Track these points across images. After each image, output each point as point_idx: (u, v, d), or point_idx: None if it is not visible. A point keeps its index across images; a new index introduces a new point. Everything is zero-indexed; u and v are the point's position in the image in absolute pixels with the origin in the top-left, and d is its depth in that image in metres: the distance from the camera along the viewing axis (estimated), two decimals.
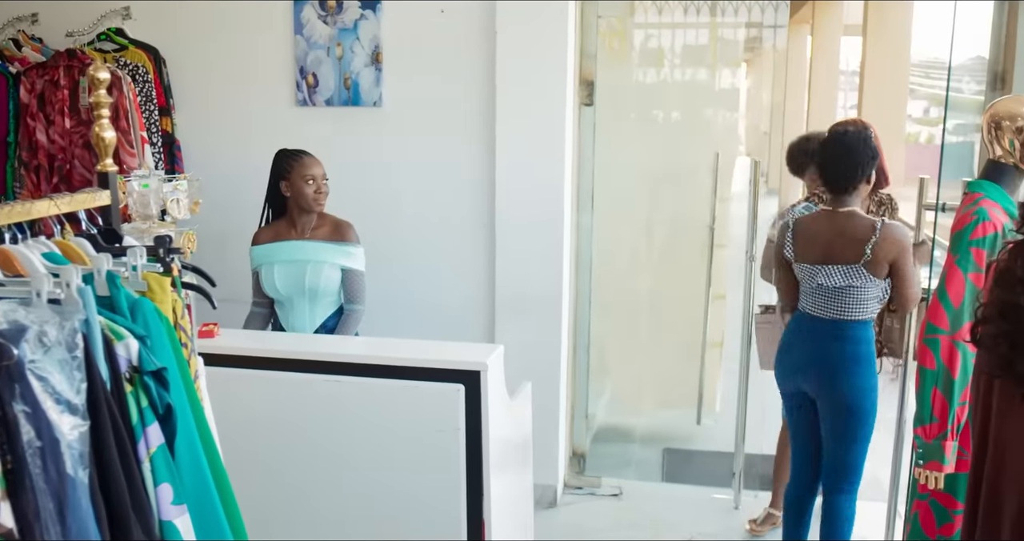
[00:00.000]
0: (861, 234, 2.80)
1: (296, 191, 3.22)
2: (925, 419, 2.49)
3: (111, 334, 1.46)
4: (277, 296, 3.27)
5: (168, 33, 3.93)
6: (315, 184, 3.22)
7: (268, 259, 3.27)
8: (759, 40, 6.66)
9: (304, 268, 3.23)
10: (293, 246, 3.26)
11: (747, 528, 3.63)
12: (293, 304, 3.28)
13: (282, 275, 3.24)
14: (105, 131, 1.95)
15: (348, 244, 3.30)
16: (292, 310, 3.28)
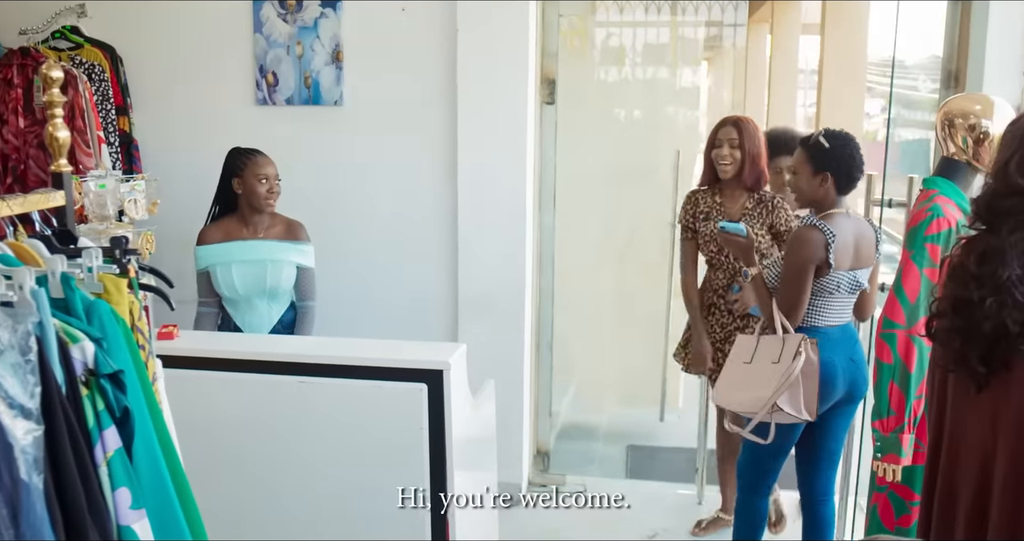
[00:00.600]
0: (871, 234, 2.84)
1: (248, 189, 3.25)
2: (883, 413, 2.53)
3: (66, 337, 1.44)
4: (234, 296, 3.26)
5: (125, 31, 3.87)
6: (268, 183, 3.25)
7: (223, 259, 3.25)
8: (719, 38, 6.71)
9: (265, 267, 3.25)
10: (250, 246, 3.27)
11: (691, 530, 3.63)
12: (251, 303, 3.28)
13: (241, 275, 3.24)
14: (59, 131, 1.92)
15: (302, 243, 3.36)
16: (250, 309, 3.28)
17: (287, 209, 3.57)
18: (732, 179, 3.31)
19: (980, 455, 1.78)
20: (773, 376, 2.70)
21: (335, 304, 3.84)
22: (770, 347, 2.76)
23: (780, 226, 3.32)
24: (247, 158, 3.27)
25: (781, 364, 2.69)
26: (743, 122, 3.30)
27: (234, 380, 2.66)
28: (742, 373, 2.82)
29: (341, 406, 2.61)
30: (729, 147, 3.27)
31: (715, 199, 3.38)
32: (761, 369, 2.76)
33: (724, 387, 2.87)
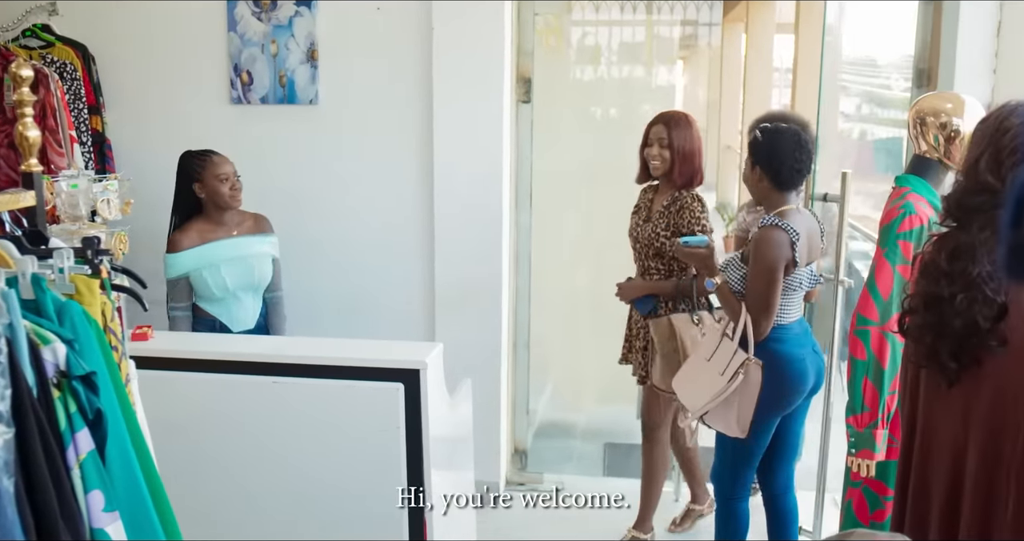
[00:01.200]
0: (817, 226, 2.82)
1: (211, 191, 3.25)
2: (857, 409, 2.55)
3: (37, 338, 1.42)
4: (224, 295, 3.26)
5: (97, 30, 3.84)
6: (229, 181, 3.26)
7: (207, 261, 3.24)
8: (694, 38, 6.73)
9: (251, 263, 3.30)
10: (231, 244, 3.28)
11: (667, 528, 3.64)
12: (239, 300, 3.30)
13: (231, 273, 3.25)
14: (29, 130, 1.90)
15: (271, 235, 3.41)
16: (238, 306, 3.30)
17: (263, 208, 3.55)
18: (663, 177, 3.27)
19: (952, 449, 1.80)
20: (713, 387, 2.73)
21: (311, 303, 3.83)
22: (724, 354, 2.74)
23: (683, 228, 3.21)
24: (202, 160, 3.26)
25: (724, 378, 2.71)
26: (674, 120, 3.23)
27: (208, 381, 2.64)
28: (699, 369, 2.83)
29: (317, 406, 2.60)
30: (659, 146, 3.22)
31: (647, 196, 3.39)
32: (710, 373, 2.76)
33: (682, 377, 2.90)
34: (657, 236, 3.24)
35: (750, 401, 2.67)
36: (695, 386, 2.81)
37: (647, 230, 3.28)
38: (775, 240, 2.64)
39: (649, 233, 3.27)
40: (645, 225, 3.30)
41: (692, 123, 3.26)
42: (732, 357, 2.69)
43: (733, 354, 2.69)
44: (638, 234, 3.32)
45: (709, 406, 2.71)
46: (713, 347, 2.79)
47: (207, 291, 3.26)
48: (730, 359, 2.69)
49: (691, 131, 3.24)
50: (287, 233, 3.84)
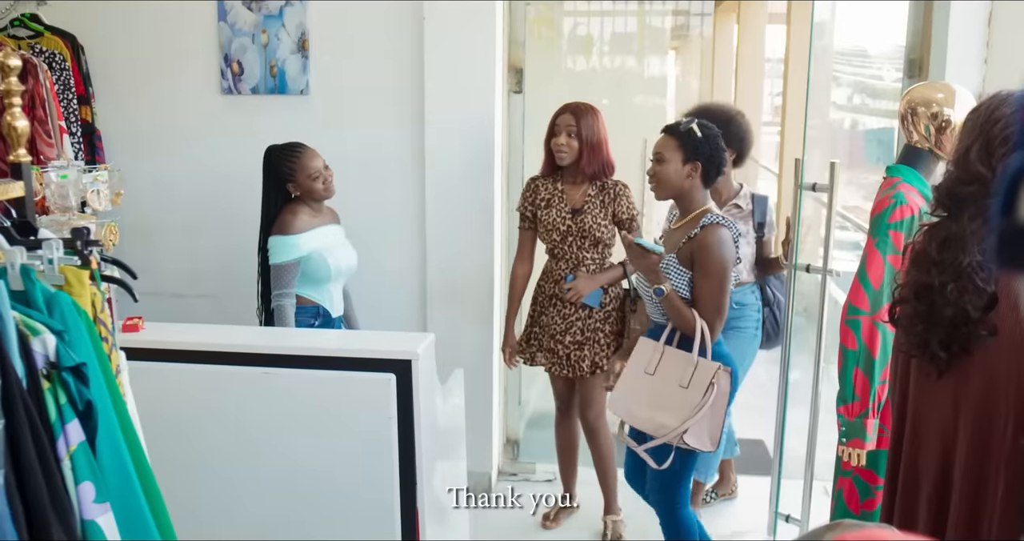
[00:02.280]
0: None
1: (307, 189, 3.19)
2: (847, 398, 2.56)
3: (26, 330, 1.42)
4: (332, 280, 3.24)
5: (86, 19, 3.82)
6: (322, 176, 3.18)
7: (323, 243, 3.21)
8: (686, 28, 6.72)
9: (349, 250, 3.34)
10: (334, 230, 3.31)
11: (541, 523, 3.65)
12: (338, 286, 3.31)
13: (341, 258, 3.25)
14: (17, 120, 1.89)
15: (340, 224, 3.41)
16: (337, 292, 3.31)
17: (253, 198, 3.54)
18: (571, 166, 3.26)
19: (941, 438, 1.81)
20: (681, 403, 2.61)
21: None
22: (678, 365, 2.64)
23: (623, 214, 3.25)
24: (293, 161, 3.17)
25: (691, 391, 2.60)
26: (582, 109, 3.24)
27: (199, 371, 2.63)
28: (645, 386, 2.69)
29: (308, 397, 2.60)
30: (566, 135, 3.22)
31: (556, 186, 3.34)
32: (666, 389, 2.64)
33: (623, 397, 2.75)
34: (598, 226, 3.23)
35: (720, 411, 2.60)
36: (650, 407, 2.66)
37: (584, 222, 3.25)
38: (724, 239, 2.60)
39: (588, 224, 3.24)
40: (578, 217, 3.26)
41: (599, 114, 3.27)
42: (695, 368, 2.59)
43: (696, 366, 2.59)
44: (569, 227, 3.28)
45: (690, 423, 2.58)
46: (655, 357, 2.68)
47: (319, 275, 3.18)
48: (693, 371, 2.59)
49: (598, 121, 3.25)
50: None
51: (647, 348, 2.72)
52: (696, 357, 2.60)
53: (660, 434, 2.63)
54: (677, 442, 2.62)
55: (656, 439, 2.65)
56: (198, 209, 3.89)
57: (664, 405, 2.63)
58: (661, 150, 2.69)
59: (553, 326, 3.34)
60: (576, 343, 3.31)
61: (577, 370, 3.32)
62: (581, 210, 3.27)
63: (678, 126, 2.68)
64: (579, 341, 3.30)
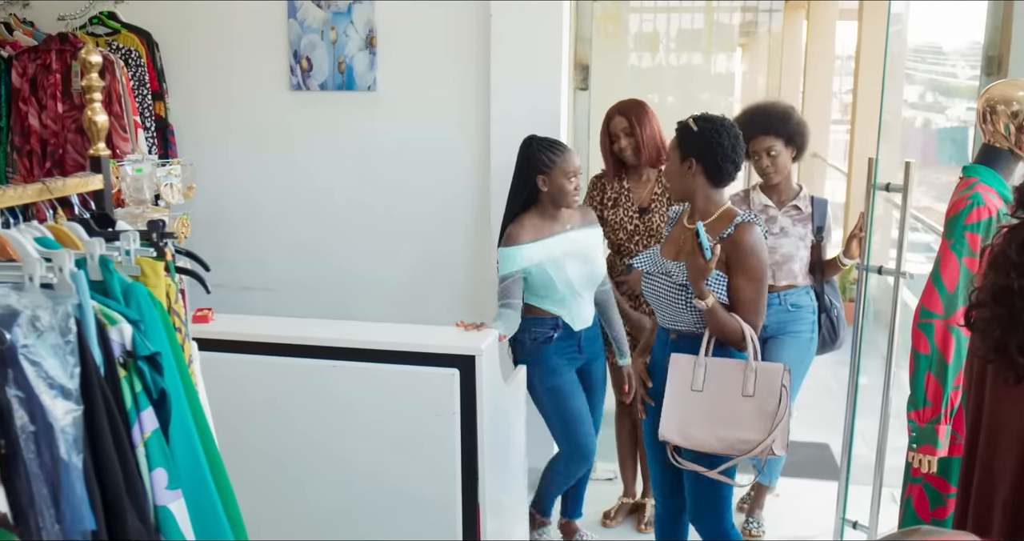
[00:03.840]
0: None
1: (556, 188, 3.00)
2: (919, 403, 2.50)
3: (104, 319, 1.45)
4: (568, 292, 3.02)
5: (161, 17, 3.90)
6: (575, 180, 3.03)
7: (549, 256, 3.01)
8: (754, 24, 6.63)
9: (591, 257, 3.10)
10: (570, 238, 3.07)
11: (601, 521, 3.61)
12: (581, 297, 3.08)
13: (575, 269, 3.03)
14: (97, 115, 1.94)
15: (597, 226, 3.20)
16: (580, 303, 3.08)
17: (322, 194, 3.59)
18: (635, 163, 3.29)
19: (1018, 446, 1.76)
20: (754, 414, 2.45)
21: (369, 289, 3.87)
22: (730, 374, 2.48)
23: None
24: (555, 154, 3.01)
25: (759, 399, 2.45)
26: (628, 107, 3.26)
27: (268, 363, 2.68)
28: (696, 404, 2.49)
29: (373, 390, 2.63)
30: (625, 136, 3.24)
31: (623, 185, 3.33)
32: (727, 402, 2.47)
33: (676, 420, 2.51)
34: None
35: (784, 411, 2.47)
36: (718, 422, 2.47)
37: (652, 221, 3.27)
38: (759, 237, 2.48)
39: (656, 223, 3.27)
40: (645, 216, 3.28)
41: (646, 105, 3.28)
42: (756, 375, 2.46)
43: (756, 372, 2.46)
44: (636, 226, 3.29)
45: (776, 435, 2.43)
46: (699, 372, 2.49)
47: (549, 288, 3.00)
48: (755, 377, 2.46)
49: (648, 113, 3.27)
50: (345, 218, 3.88)
51: (685, 364, 2.51)
52: (754, 362, 2.46)
53: (742, 450, 2.46)
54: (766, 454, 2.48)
55: (735, 457, 2.48)
56: (266, 203, 3.95)
57: (731, 420, 2.46)
58: (668, 149, 2.62)
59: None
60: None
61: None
62: (648, 209, 3.29)
63: (679, 123, 2.57)
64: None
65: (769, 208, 3.32)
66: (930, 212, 5.32)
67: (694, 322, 2.53)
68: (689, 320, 2.53)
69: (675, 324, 2.57)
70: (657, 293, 2.59)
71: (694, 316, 2.51)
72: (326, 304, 3.83)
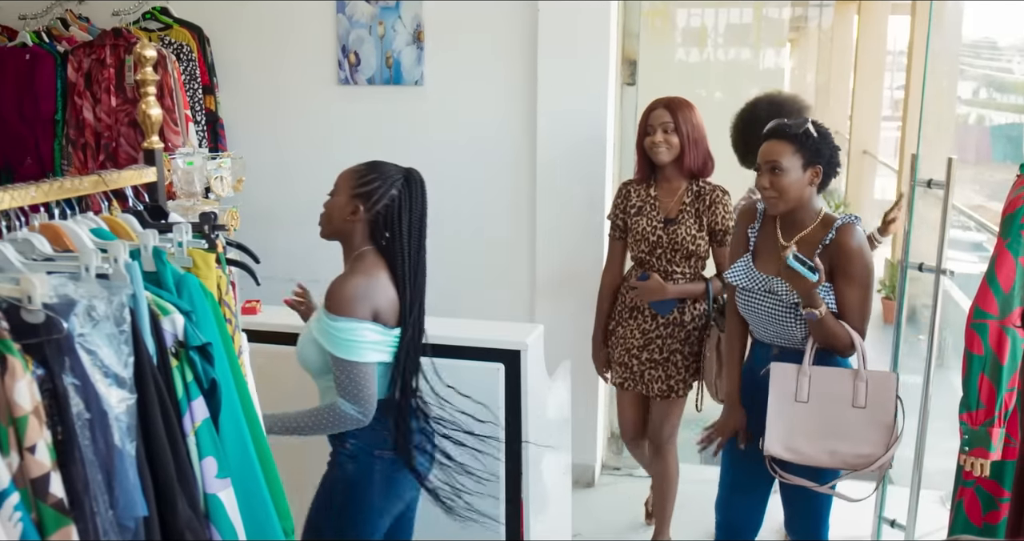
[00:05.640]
0: None
1: None
2: (972, 405, 2.45)
3: (157, 309, 1.47)
4: None
5: (212, 12, 3.95)
6: None
7: None
8: (804, 19, 6.55)
9: None
10: None
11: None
12: None
13: None
14: (151, 108, 1.97)
15: None
16: None
17: None
18: (670, 166, 3.00)
19: None
20: (869, 426, 2.36)
21: None
22: (837, 384, 2.38)
23: (718, 225, 2.97)
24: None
25: (873, 410, 2.36)
26: (676, 103, 2.99)
27: None
28: (802, 416, 2.39)
29: None
30: (663, 132, 2.95)
31: (649, 192, 3.05)
32: (837, 413, 2.37)
33: (783, 433, 2.40)
34: (692, 238, 2.97)
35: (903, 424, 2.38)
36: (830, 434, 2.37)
37: (677, 233, 2.98)
38: (862, 239, 2.36)
39: (681, 236, 2.98)
40: (670, 227, 2.99)
41: (694, 107, 3.03)
42: (868, 384, 2.35)
43: (867, 381, 2.35)
44: (660, 237, 3.00)
45: (894, 448, 2.35)
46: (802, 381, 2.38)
47: None
48: (866, 387, 2.35)
49: (695, 114, 3.01)
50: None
51: (788, 374, 2.39)
52: (864, 371, 2.35)
53: (858, 465, 2.37)
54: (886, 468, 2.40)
55: (847, 472, 2.42)
56: (312, 196, 3.95)
57: (842, 433, 2.36)
58: (776, 157, 2.34)
59: (630, 340, 3.09)
60: (652, 361, 3.06)
61: (650, 390, 3.08)
62: (675, 220, 2.99)
63: (789, 128, 2.36)
64: (656, 360, 3.05)
65: None
66: (983, 210, 5.22)
67: (801, 338, 2.41)
68: (797, 337, 2.42)
69: (779, 340, 2.47)
70: (760, 311, 2.46)
71: (803, 331, 2.40)
72: None
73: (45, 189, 1.65)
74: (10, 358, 1.17)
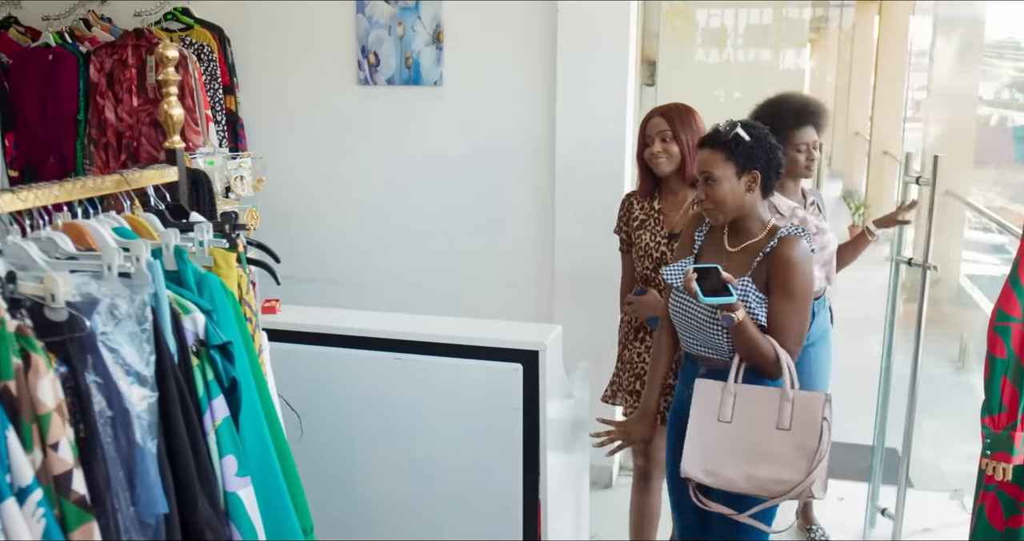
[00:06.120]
0: None
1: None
2: (994, 409, 2.42)
3: (178, 308, 1.48)
4: None
5: (232, 13, 3.97)
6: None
7: None
8: (825, 19, 6.51)
9: None
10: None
11: None
12: None
13: None
14: (173, 108, 1.98)
15: None
16: None
17: (388, 186, 3.61)
18: (674, 177, 2.83)
19: None
20: (791, 450, 2.15)
21: (433, 281, 3.89)
22: (763, 404, 2.19)
23: None
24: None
25: (797, 433, 2.16)
26: (673, 110, 2.83)
27: (331, 355, 2.71)
28: (724, 437, 2.20)
29: (436, 384, 2.64)
30: (661, 142, 2.78)
31: (653, 205, 2.87)
32: (760, 436, 2.18)
33: (700, 454, 2.22)
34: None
35: (827, 448, 2.16)
36: (750, 458, 2.17)
37: None
38: (803, 254, 2.19)
39: None
40: (675, 242, 2.75)
41: (695, 113, 2.85)
42: (793, 405, 2.16)
43: (792, 401, 2.16)
44: (664, 253, 2.82)
45: (817, 474, 2.13)
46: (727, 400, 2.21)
47: None
48: (791, 408, 2.16)
49: (696, 120, 2.83)
50: (410, 212, 3.91)
51: (712, 392, 2.23)
52: (791, 391, 2.17)
53: (776, 492, 2.15)
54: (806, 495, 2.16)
55: (773, 499, 2.17)
56: (332, 196, 4.00)
57: (763, 456, 2.17)
58: (708, 168, 2.22)
59: (637, 364, 2.93)
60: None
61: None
62: (680, 234, 2.71)
63: (719, 135, 2.23)
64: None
65: (797, 209, 3.00)
66: (1005, 213, 5.17)
67: (728, 350, 2.25)
68: (723, 347, 2.25)
69: (705, 350, 2.30)
70: (687, 314, 2.30)
71: (729, 342, 2.23)
72: (389, 297, 3.87)
73: (68, 188, 1.66)
74: (34, 356, 1.18)
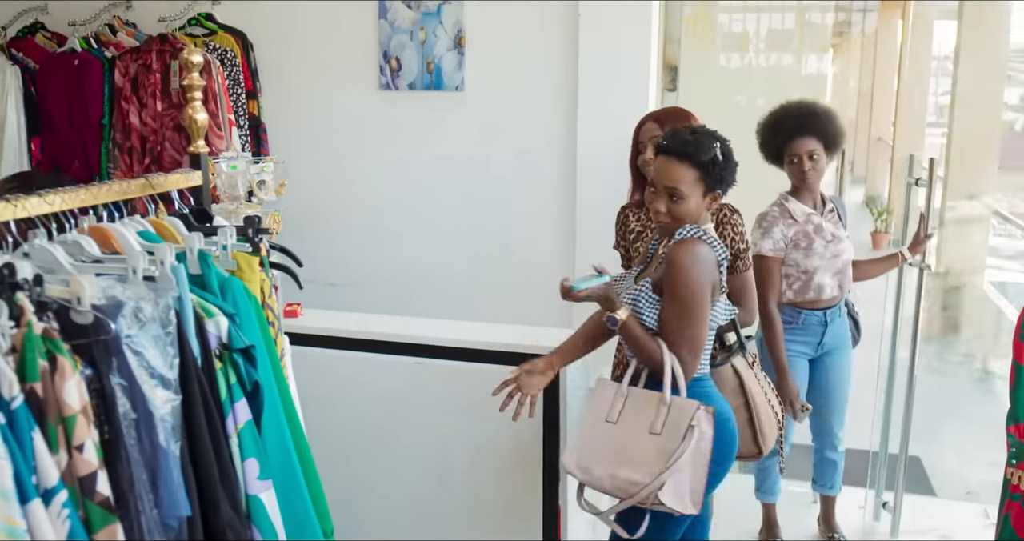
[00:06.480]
0: None
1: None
2: (1019, 417, 2.40)
3: (202, 311, 1.49)
4: None
5: (255, 18, 3.99)
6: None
7: None
8: (848, 24, 6.47)
9: None
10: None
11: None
12: None
13: None
14: (198, 113, 1.99)
15: None
16: None
17: (410, 192, 3.61)
18: None
19: None
20: (652, 454, 2.08)
21: (454, 286, 3.89)
22: (646, 408, 2.14)
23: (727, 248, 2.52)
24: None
25: (664, 438, 2.08)
26: (668, 114, 2.69)
27: (353, 358, 2.72)
28: (605, 437, 2.16)
29: (456, 388, 2.64)
30: (653, 149, 2.55)
31: (647, 215, 2.67)
32: (633, 437, 2.12)
33: (581, 451, 2.19)
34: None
35: (704, 461, 2.08)
36: (613, 461, 2.12)
37: None
38: (700, 255, 2.12)
39: None
40: None
41: (692, 116, 2.67)
42: (669, 411, 2.09)
43: (668, 408, 2.09)
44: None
45: (666, 476, 2.04)
46: (618, 402, 2.18)
47: None
48: (666, 413, 2.09)
49: (689, 123, 2.62)
50: (431, 217, 3.92)
51: (607, 392, 2.21)
52: (668, 397, 2.09)
53: (628, 493, 2.07)
54: (652, 503, 2.07)
55: (625, 501, 2.09)
56: (353, 201, 4.01)
57: (630, 458, 2.11)
58: (677, 184, 2.15)
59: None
60: None
61: None
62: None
63: (696, 152, 2.17)
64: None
65: (812, 216, 3.06)
66: None
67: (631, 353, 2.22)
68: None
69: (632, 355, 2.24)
70: None
71: None
72: (410, 301, 3.87)
73: (94, 192, 1.68)
74: (60, 358, 1.19)
